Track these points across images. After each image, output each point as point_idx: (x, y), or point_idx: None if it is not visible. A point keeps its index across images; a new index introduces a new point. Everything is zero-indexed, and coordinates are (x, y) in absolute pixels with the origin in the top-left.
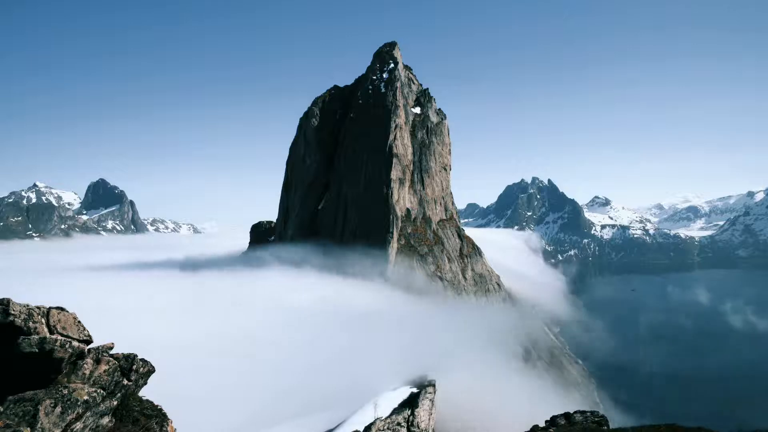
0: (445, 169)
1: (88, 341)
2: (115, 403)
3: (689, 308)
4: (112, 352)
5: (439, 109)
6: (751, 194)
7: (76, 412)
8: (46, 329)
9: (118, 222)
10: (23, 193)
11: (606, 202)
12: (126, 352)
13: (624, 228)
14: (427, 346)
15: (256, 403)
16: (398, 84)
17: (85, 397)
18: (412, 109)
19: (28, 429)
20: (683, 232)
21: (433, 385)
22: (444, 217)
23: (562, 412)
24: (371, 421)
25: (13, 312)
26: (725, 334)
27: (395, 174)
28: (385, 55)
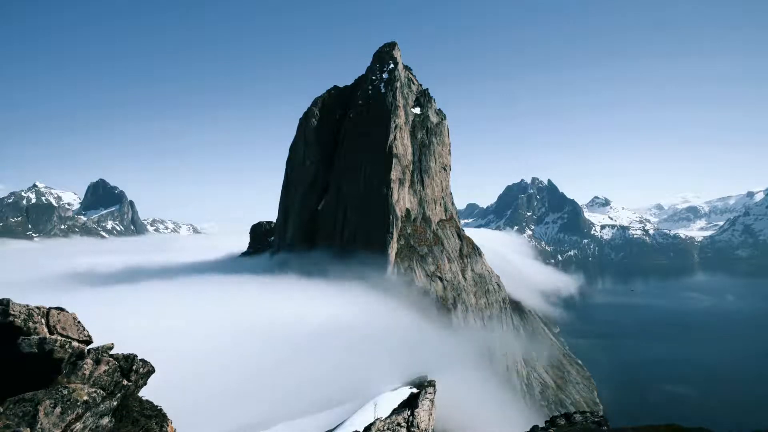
0: (445, 170)
1: (88, 341)
2: (115, 403)
3: (689, 309)
4: (111, 352)
5: (439, 110)
6: (750, 194)
7: (75, 412)
8: (45, 329)
9: (117, 222)
10: (23, 194)
11: (606, 203)
12: (126, 352)
13: (624, 228)
14: (427, 347)
15: (256, 403)
16: (398, 84)
17: (85, 398)
18: (412, 110)
19: (28, 429)
20: (683, 233)
21: (433, 385)
22: (444, 218)
23: (562, 413)
24: (371, 421)
25: (12, 312)
26: (725, 335)
27: (395, 174)
28: (384, 55)
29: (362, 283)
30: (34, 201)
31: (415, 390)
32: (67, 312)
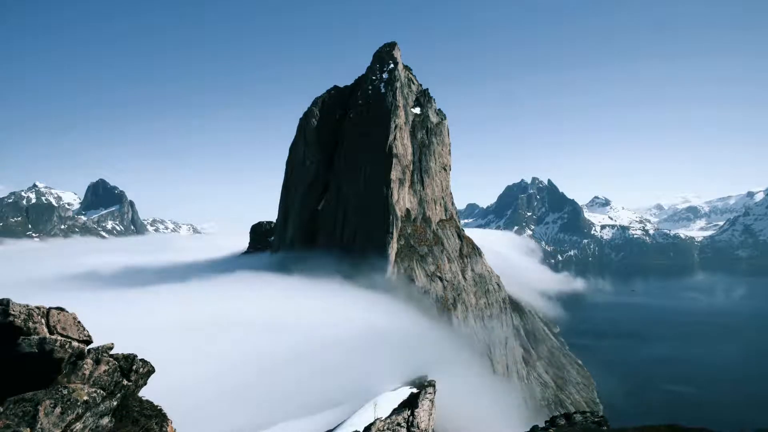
0: (445, 170)
1: (88, 341)
2: (115, 403)
3: (689, 309)
4: (111, 352)
5: (439, 110)
6: (751, 194)
7: (75, 412)
8: (45, 329)
9: (117, 222)
10: (23, 194)
11: (606, 203)
12: (126, 352)
13: (624, 228)
14: (427, 347)
15: (256, 403)
16: (398, 84)
17: (85, 398)
18: (412, 110)
19: (28, 429)
20: (683, 233)
21: (433, 385)
22: (444, 218)
23: (562, 413)
24: (371, 421)
25: (12, 312)
26: (726, 335)
27: (395, 174)
28: (384, 55)
29: (362, 283)
30: (34, 201)
31: (415, 390)
32: (67, 312)
